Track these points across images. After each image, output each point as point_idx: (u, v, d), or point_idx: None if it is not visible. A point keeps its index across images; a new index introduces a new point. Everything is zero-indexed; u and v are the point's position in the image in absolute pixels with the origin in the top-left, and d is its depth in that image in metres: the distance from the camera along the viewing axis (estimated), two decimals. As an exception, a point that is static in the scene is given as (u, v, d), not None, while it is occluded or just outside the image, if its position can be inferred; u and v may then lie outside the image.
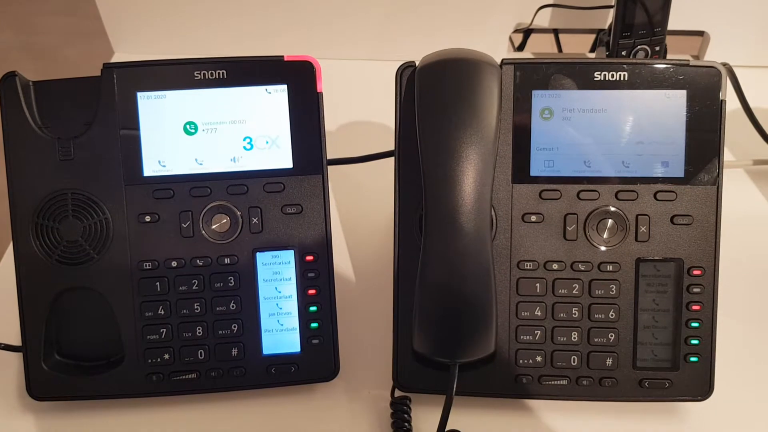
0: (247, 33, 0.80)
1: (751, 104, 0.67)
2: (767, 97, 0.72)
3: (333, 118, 0.71)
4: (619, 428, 0.49)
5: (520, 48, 0.84)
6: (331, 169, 0.63)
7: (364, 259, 0.61)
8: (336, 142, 0.66)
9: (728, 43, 0.77)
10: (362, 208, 0.64)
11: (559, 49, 0.85)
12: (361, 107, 0.73)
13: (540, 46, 0.85)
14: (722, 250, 0.48)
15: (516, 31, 0.78)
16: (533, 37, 0.83)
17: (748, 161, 0.68)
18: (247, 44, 0.80)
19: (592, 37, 0.80)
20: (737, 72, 0.67)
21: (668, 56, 0.70)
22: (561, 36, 0.84)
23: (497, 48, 0.79)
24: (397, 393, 0.50)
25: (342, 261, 0.60)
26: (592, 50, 0.80)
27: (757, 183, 0.67)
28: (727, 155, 0.68)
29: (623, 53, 0.66)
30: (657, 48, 0.67)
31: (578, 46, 0.85)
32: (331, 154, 0.54)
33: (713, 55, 0.76)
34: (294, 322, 0.50)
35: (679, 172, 0.48)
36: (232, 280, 0.49)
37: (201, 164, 0.49)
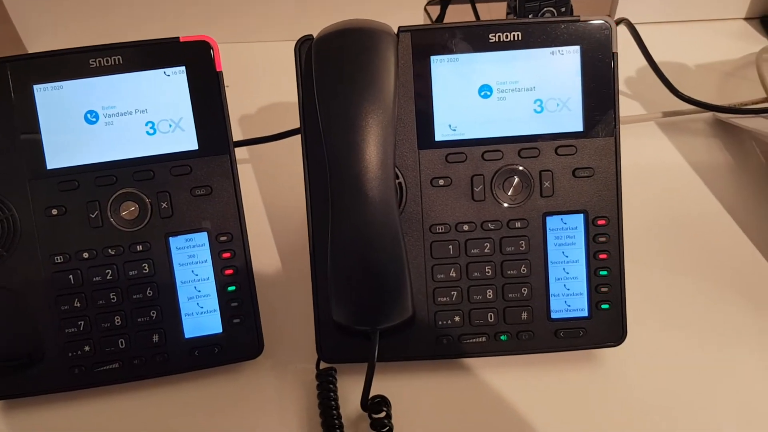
0: (155, 22, 0.78)
1: (661, 58, 0.69)
2: (676, 51, 0.75)
3: (244, 101, 0.70)
4: (540, 378, 0.51)
5: (439, 20, 0.84)
6: (247, 150, 0.63)
7: (284, 237, 0.61)
8: (250, 124, 0.66)
9: (637, 1, 0.78)
10: (281, 187, 0.64)
11: (478, 19, 0.85)
12: (272, 88, 0.72)
13: (459, 17, 0.85)
14: (635, 199, 0.49)
15: (432, 3, 0.79)
16: (451, 8, 0.83)
17: (658, 113, 0.69)
18: (154, 33, 0.79)
19: (508, 4, 0.81)
20: (648, 28, 0.69)
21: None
22: (478, 5, 0.84)
23: (414, 22, 0.79)
24: (323, 365, 0.50)
25: (263, 240, 0.60)
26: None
27: (667, 134, 0.69)
28: (638, 109, 0.70)
29: (530, 16, 0.67)
30: (563, 9, 0.68)
31: (497, 14, 0.86)
32: (245, 136, 0.54)
33: (623, 14, 0.78)
34: (213, 303, 0.50)
35: (577, 126, 0.49)
36: (146, 267, 0.49)
37: (104, 153, 0.48)
